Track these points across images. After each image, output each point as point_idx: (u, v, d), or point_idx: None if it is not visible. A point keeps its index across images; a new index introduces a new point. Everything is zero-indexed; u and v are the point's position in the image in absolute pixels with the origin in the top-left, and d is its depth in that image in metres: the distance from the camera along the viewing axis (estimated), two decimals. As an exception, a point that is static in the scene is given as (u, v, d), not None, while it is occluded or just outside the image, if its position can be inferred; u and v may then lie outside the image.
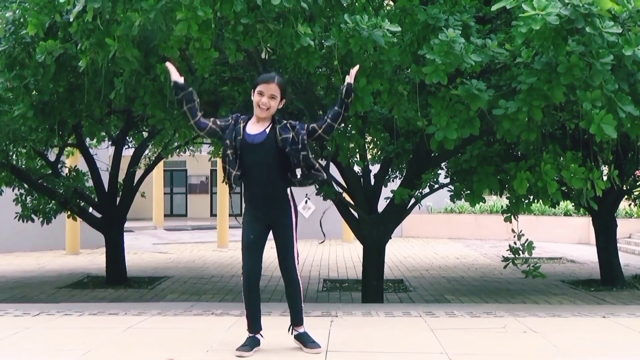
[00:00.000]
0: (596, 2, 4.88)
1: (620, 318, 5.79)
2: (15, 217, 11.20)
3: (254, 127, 4.28)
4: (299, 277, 4.38)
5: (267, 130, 4.25)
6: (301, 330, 4.43)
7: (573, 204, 11.16)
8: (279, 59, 6.40)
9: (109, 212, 11.25)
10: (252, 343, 4.31)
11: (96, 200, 11.33)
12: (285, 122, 4.31)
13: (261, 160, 4.20)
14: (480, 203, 7.54)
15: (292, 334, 4.44)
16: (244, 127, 4.26)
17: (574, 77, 5.20)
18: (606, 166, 9.53)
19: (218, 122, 4.34)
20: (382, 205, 8.39)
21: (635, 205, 11.88)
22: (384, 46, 5.42)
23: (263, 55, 5.67)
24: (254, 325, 4.36)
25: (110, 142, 11.91)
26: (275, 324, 5.09)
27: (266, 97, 4.23)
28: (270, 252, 4.48)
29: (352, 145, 7.51)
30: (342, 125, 4.41)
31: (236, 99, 7.80)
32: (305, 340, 4.38)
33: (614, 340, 4.94)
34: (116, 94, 6.67)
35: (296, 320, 4.43)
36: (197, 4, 5.10)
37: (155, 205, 24.11)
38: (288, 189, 4.31)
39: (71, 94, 7.48)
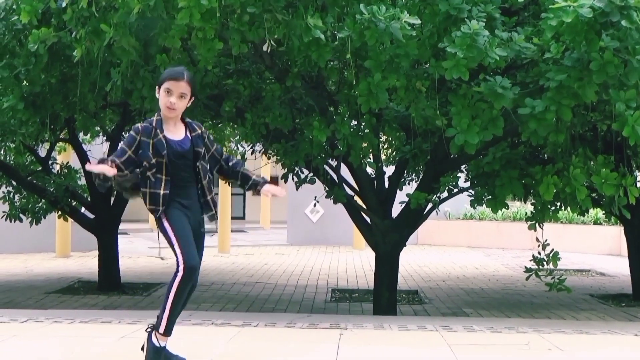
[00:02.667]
0: (633, -7, 4.86)
1: (653, 336, 5.78)
2: (3, 217, 11.25)
3: (173, 133, 4.17)
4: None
5: (189, 135, 4.21)
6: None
7: (604, 212, 11.13)
8: (287, 51, 6.40)
9: (103, 212, 11.28)
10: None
11: (89, 199, 11.36)
12: (198, 130, 4.26)
13: (190, 167, 4.17)
14: (503, 209, 7.52)
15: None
16: (164, 137, 4.12)
17: (608, 75, 5.18)
18: (640, 171, 9.51)
19: (128, 152, 4.08)
20: (396, 210, 8.38)
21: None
22: (401, 39, 5.41)
23: (265, 47, 5.67)
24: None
25: (105, 138, 11.94)
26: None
27: (175, 96, 4.09)
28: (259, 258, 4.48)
29: (365, 145, 7.51)
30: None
31: (241, 93, 7.82)
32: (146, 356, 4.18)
33: (647, 361, 4.92)
34: (112, 86, 6.70)
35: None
36: (201, -10, 5.12)
37: (151, 206, 24.15)
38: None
39: (64, 85, 7.51)
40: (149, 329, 4.15)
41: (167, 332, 4.09)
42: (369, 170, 8.51)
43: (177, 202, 4.14)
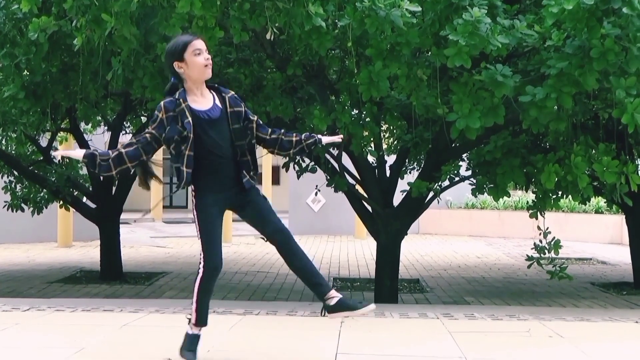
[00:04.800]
0: (634, -20, 4.86)
1: (654, 324, 5.79)
2: (4, 207, 11.28)
3: (200, 103, 3.94)
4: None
5: (218, 103, 3.98)
6: (336, 295, 4.06)
7: (605, 200, 11.13)
8: (288, 39, 6.40)
9: (104, 202, 11.30)
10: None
11: (90, 189, 11.38)
12: (230, 92, 4.05)
13: (225, 137, 3.94)
14: (505, 198, 7.53)
15: (325, 313, 4.11)
16: (187, 106, 3.88)
17: (608, 62, 5.18)
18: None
19: (148, 136, 3.92)
20: (397, 198, 8.40)
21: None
22: (402, 27, 5.40)
23: (268, 36, 5.68)
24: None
25: (106, 127, 11.96)
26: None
27: (206, 52, 3.92)
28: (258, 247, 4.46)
29: (367, 133, 7.51)
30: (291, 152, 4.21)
31: (242, 82, 7.81)
32: (351, 305, 4.05)
33: (647, 348, 4.94)
34: (113, 75, 6.69)
35: (324, 288, 4.14)
36: (202, -22, 5.12)
37: (153, 196, 24.19)
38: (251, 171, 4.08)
39: (65, 74, 7.51)
40: (188, 317, 4.16)
41: (199, 322, 4.10)
42: (370, 159, 8.51)
43: (209, 189, 3.95)
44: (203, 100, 3.95)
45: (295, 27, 5.62)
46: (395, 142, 10.23)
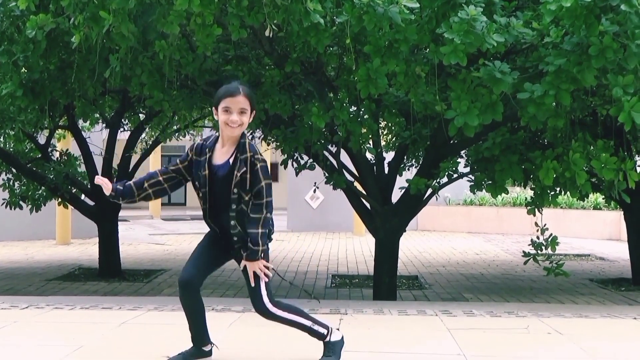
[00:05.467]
0: (632, -23, 4.85)
1: (652, 320, 5.80)
2: (2, 204, 11.27)
3: (219, 155, 3.97)
4: (275, 310, 4.08)
5: (230, 161, 3.93)
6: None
7: (603, 196, 11.16)
8: (286, 36, 6.39)
9: (103, 199, 11.27)
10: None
11: (89, 186, 11.37)
12: (247, 153, 3.90)
13: (225, 193, 3.93)
14: (503, 194, 7.53)
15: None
16: (210, 157, 3.97)
17: (607, 59, 5.17)
18: (640, 156, 9.51)
19: (172, 167, 4.09)
20: (396, 195, 8.40)
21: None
22: (400, 24, 5.40)
23: (267, 33, 5.67)
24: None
25: (104, 125, 11.94)
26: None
27: (235, 113, 3.86)
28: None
29: (365, 130, 7.50)
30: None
31: (240, 79, 7.80)
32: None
33: (645, 344, 4.95)
34: (111, 73, 6.69)
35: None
36: (199, -24, 5.11)
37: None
38: None
39: (63, 72, 7.50)
40: None
41: (192, 340, 4.15)
42: (369, 156, 8.52)
43: (211, 226, 4.11)
44: (222, 153, 3.97)
45: (294, 23, 5.61)
46: (394, 139, 10.22)
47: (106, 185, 4.03)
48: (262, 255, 3.90)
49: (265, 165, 3.92)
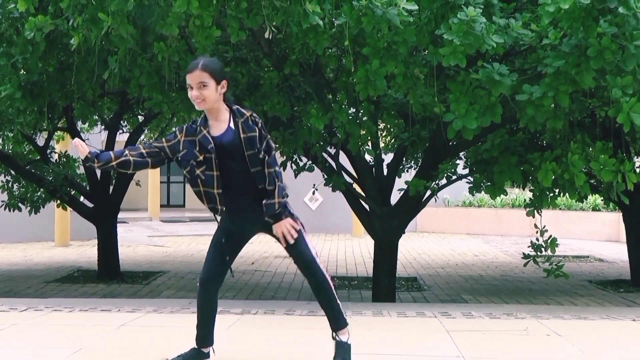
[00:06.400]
0: (630, -21, 4.86)
1: (651, 322, 5.80)
2: (1, 206, 11.27)
3: (215, 128, 3.94)
4: (321, 265, 4.04)
5: (232, 126, 3.92)
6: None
7: (602, 198, 11.15)
8: (285, 38, 6.40)
9: (102, 201, 11.29)
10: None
11: (88, 188, 11.37)
12: (246, 113, 3.95)
13: (239, 163, 3.90)
14: (502, 196, 7.53)
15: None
16: (209, 132, 3.92)
17: (605, 61, 5.18)
18: (639, 157, 9.51)
19: (157, 144, 4.03)
20: (395, 197, 8.39)
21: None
22: (399, 25, 5.41)
23: (267, 35, 5.67)
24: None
25: (103, 126, 11.94)
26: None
27: (195, 88, 3.85)
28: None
29: (364, 132, 7.51)
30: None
31: (239, 81, 7.81)
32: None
33: (644, 346, 4.94)
34: (110, 74, 6.69)
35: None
36: (198, -22, 5.11)
37: (150, 194, 24.18)
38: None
39: (62, 73, 7.50)
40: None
41: (197, 340, 4.13)
42: (368, 157, 8.52)
43: (227, 214, 3.98)
44: (217, 125, 3.94)
45: (293, 25, 5.62)
46: (393, 141, 10.23)
47: (82, 149, 3.99)
48: (286, 212, 3.90)
49: (262, 122, 3.99)
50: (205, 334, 4.11)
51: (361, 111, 7.37)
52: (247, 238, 4.15)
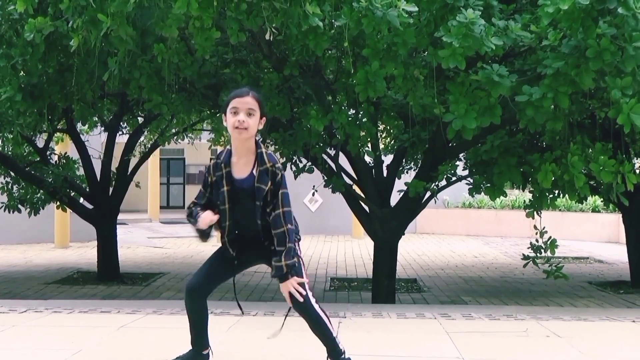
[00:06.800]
0: (630, -20, 4.86)
1: (651, 323, 5.80)
2: (1, 207, 11.26)
3: (239, 168, 3.84)
4: (315, 306, 3.99)
5: (255, 172, 3.81)
6: None
7: (602, 199, 11.15)
8: (285, 40, 6.39)
9: (101, 203, 11.30)
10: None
11: (87, 190, 11.37)
12: (267, 163, 3.81)
13: (248, 206, 3.83)
14: (501, 197, 7.55)
15: None
16: (229, 172, 3.84)
17: (604, 62, 5.18)
18: (638, 159, 9.52)
19: (205, 193, 3.94)
20: (395, 198, 8.39)
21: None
22: (399, 27, 5.40)
23: (267, 36, 5.68)
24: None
25: (103, 128, 11.94)
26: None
27: (243, 113, 3.74)
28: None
29: (363, 133, 7.51)
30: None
31: (239, 83, 7.81)
32: None
33: (644, 347, 4.94)
34: (110, 76, 6.69)
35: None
36: (198, -21, 5.11)
37: (150, 196, 24.19)
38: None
39: (61, 75, 7.50)
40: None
41: (192, 343, 4.09)
42: (367, 159, 8.51)
43: (230, 238, 3.95)
44: (241, 166, 3.85)
45: (292, 27, 5.62)
46: (392, 142, 10.23)
47: (209, 218, 3.82)
48: (292, 271, 3.81)
49: (284, 175, 3.87)
50: (198, 338, 4.08)
51: (361, 112, 7.37)
52: (249, 265, 4.16)
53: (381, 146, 9.79)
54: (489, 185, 7.52)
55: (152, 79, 7.20)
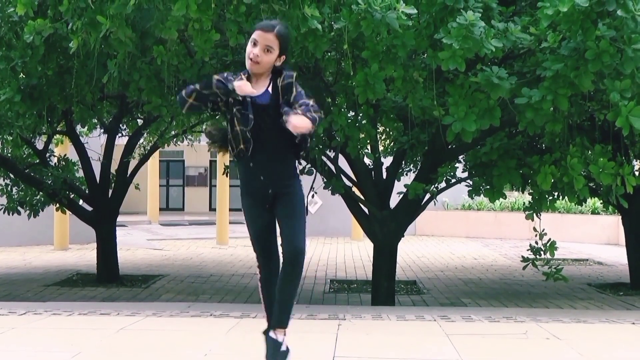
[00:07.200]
0: (629, -18, 4.87)
1: (650, 325, 5.80)
2: (0, 210, 11.26)
3: (255, 86, 3.79)
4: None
5: (270, 90, 3.81)
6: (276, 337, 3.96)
7: (601, 201, 11.17)
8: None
9: (101, 205, 11.29)
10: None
11: (87, 192, 11.37)
12: (289, 79, 3.81)
13: (270, 125, 3.75)
14: (501, 199, 7.54)
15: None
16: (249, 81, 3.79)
17: (604, 64, 5.19)
18: (638, 161, 9.52)
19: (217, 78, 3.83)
20: (394, 200, 8.39)
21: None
22: (398, 29, 5.41)
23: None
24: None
25: (102, 130, 11.94)
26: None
27: (259, 47, 3.72)
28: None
29: (363, 135, 7.51)
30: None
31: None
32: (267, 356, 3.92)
33: (644, 349, 4.94)
34: (109, 78, 6.69)
35: (273, 321, 4.05)
36: (197, -19, 5.12)
37: (150, 198, 24.19)
38: (296, 163, 3.93)
39: (61, 77, 7.51)
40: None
41: (270, 324, 4.04)
42: (367, 161, 8.52)
43: (247, 186, 3.88)
44: (256, 86, 3.80)
45: (292, 29, 5.62)
46: (392, 144, 10.23)
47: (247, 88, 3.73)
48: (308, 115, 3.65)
49: (300, 89, 3.84)
50: (269, 315, 4.04)
51: (360, 114, 7.37)
52: (266, 198, 3.91)
53: (381, 148, 9.79)
54: (488, 187, 7.52)
55: (152, 81, 7.20)
